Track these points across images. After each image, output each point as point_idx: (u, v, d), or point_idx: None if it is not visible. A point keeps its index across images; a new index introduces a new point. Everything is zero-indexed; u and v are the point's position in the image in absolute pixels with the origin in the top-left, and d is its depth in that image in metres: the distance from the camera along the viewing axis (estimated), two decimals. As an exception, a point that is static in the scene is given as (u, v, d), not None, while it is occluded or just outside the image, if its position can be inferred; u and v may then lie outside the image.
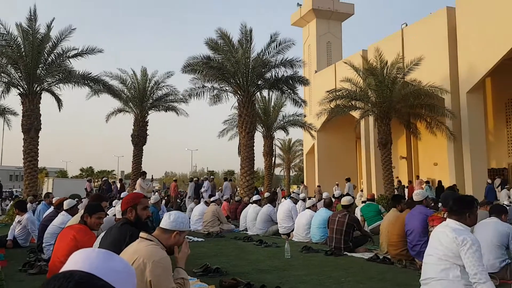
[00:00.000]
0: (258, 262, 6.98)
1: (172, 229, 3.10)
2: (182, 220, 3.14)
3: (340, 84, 22.84)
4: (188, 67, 18.91)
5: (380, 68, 20.05)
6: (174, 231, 3.10)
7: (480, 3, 20.10)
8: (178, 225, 3.11)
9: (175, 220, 3.11)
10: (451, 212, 3.85)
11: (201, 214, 12.12)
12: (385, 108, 19.93)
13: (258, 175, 59.77)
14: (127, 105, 23.88)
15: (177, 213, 3.21)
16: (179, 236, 3.12)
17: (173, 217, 3.12)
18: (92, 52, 18.96)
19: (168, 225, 3.10)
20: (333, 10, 36.58)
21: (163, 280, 2.87)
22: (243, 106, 19.46)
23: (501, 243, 5.45)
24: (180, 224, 3.12)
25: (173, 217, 3.12)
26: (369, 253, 7.67)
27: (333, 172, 30.45)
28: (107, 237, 3.82)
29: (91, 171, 72.25)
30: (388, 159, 20.25)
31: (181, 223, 3.13)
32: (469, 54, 20.55)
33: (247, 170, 19.41)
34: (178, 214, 3.19)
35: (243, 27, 19.46)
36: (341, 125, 29.01)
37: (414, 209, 6.64)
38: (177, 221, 3.11)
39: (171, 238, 3.10)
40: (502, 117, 25.28)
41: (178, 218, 3.13)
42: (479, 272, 3.43)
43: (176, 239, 3.11)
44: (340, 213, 8.23)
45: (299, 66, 19.78)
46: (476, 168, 20.47)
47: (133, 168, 23.44)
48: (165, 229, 3.11)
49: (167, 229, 3.10)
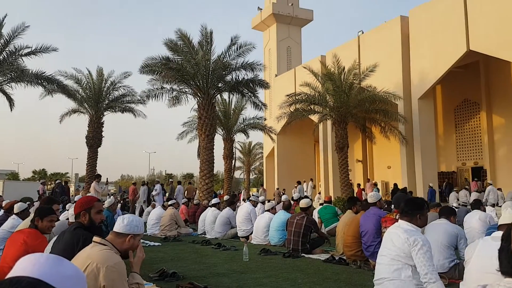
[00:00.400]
0: (216, 265, 6.94)
1: (126, 233, 3.03)
2: (136, 224, 3.07)
3: (299, 88, 23.21)
4: (146, 67, 18.57)
5: (338, 74, 20.55)
6: (129, 235, 3.03)
7: (432, 14, 21.03)
8: (132, 229, 3.04)
9: (129, 223, 3.04)
10: (402, 214, 3.98)
11: (158, 218, 11.91)
12: (342, 112, 20.43)
13: (218, 178, 59.54)
14: (82, 105, 23.17)
15: (131, 216, 3.14)
16: (134, 240, 3.05)
17: (126, 220, 3.05)
18: (46, 51, 18.30)
19: (122, 228, 3.03)
20: (293, 15, 37.13)
21: (117, 286, 2.80)
22: (203, 108, 19.33)
23: (450, 244, 5.64)
24: (134, 228, 3.05)
25: (127, 221, 3.04)
26: (326, 254, 7.81)
27: (292, 175, 30.82)
28: (59, 241, 3.69)
29: (44, 174, 69.36)
30: (345, 162, 20.75)
31: (135, 226, 3.06)
32: (420, 62, 21.44)
33: (206, 173, 19.28)
34: (132, 217, 3.11)
35: (204, 29, 19.37)
36: (300, 128, 29.43)
37: (368, 211, 6.83)
38: (131, 224, 3.04)
39: (126, 242, 3.02)
40: (451, 123, 26.53)
41: (132, 221, 3.06)
42: (429, 272, 3.56)
43: (130, 243, 3.04)
44: (298, 215, 8.33)
45: (260, 70, 19.91)
46: (427, 171, 21.36)
47: (88, 171, 22.75)
48: (119, 233, 3.03)
49: (121, 233, 3.03)
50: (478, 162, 25.07)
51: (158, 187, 19.09)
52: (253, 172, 59.91)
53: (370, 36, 24.95)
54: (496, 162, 23.69)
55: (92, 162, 22.84)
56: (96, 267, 2.77)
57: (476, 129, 25.20)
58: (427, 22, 21.24)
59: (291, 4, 37.31)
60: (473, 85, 24.74)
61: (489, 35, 18.22)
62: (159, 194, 18.69)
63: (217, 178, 58.82)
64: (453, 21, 19.77)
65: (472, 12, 19.05)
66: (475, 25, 18.85)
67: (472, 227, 6.93)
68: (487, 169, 23.92)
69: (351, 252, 6.98)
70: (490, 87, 24.16)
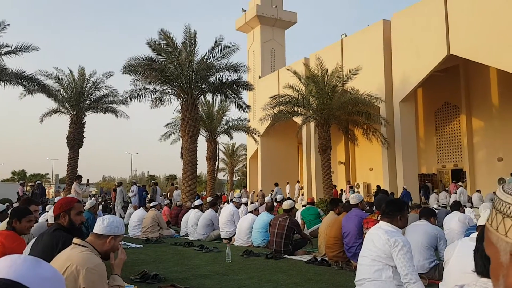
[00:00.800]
0: (198, 267, 6.91)
1: (107, 234, 2.99)
2: (116, 225, 3.04)
3: (283, 90, 23.29)
4: (128, 68, 18.36)
5: (321, 76, 20.70)
6: (109, 236, 2.99)
7: (414, 18, 21.37)
8: (113, 230, 3.00)
9: (109, 224, 3.00)
10: (383, 215, 4.03)
11: (140, 220, 11.79)
12: (325, 114, 20.57)
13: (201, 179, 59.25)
14: (63, 105, 22.78)
15: (111, 217, 3.10)
16: (114, 241, 3.02)
17: (107, 221, 3.01)
18: (26, 50, 17.93)
19: (102, 230, 2.99)
20: (277, 17, 37.27)
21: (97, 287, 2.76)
22: (186, 109, 19.21)
23: (430, 245, 5.73)
24: (115, 229, 3.01)
25: (107, 222, 3.01)
26: (308, 255, 7.84)
27: (275, 176, 30.87)
28: (38, 243, 3.63)
29: (23, 175, 67.98)
30: (328, 164, 20.89)
31: (115, 227, 3.02)
32: (402, 66, 21.75)
33: (189, 175, 19.16)
34: (112, 218, 3.08)
35: (187, 30, 19.26)
36: (284, 130, 29.53)
37: (350, 212, 6.89)
38: (111, 225, 3.01)
39: (106, 244, 2.99)
40: (432, 126, 26.97)
41: (113, 222, 3.02)
42: (409, 273, 3.61)
43: (111, 244, 3.00)
44: (281, 216, 8.35)
45: (244, 71, 19.88)
46: (408, 173, 21.66)
47: (68, 172, 22.37)
48: (99, 235, 2.99)
49: (101, 234, 2.99)
50: (458, 164, 25.53)
51: (135, 188, 18.82)
52: (236, 173, 59.83)
53: (353, 39, 25.19)
54: (475, 164, 24.16)
55: (73, 163, 22.48)
56: (76, 269, 2.73)
57: (456, 132, 25.67)
58: (409, 26, 21.56)
59: (275, 6, 37.45)
60: (453, 88, 25.20)
61: (469, 40, 18.60)
62: (136, 195, 18.42)
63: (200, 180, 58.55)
64: (434, 26, 20.12)
65: (453, 17, 19.42)
66: (456, 30, 19.22)
67: (452, 228, 7.05)
68: (466, 171, 24.37)
69: (333, 253, 7.03)
70: (470, 90, 24.65)
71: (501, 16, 17.40)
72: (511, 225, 0.77)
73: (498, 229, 0.79)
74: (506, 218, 0.78)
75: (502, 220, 0.79)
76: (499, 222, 0.79)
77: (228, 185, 52.17)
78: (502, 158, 22.77)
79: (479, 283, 1.46)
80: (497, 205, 0.81)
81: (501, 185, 0.85)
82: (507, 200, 0.80)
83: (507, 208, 0.79)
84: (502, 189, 0.83)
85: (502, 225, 0.78)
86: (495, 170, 22.64)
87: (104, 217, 3.08)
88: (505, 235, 0.77)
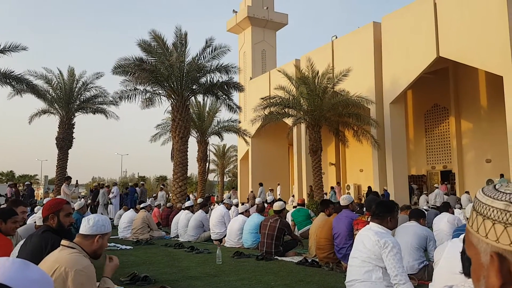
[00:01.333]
0: (188, 269, 6.88)
1: (94, 234, 2.97)
2: (102, 223, 3.01)
3: (274, 91, 23.32)
4: (119, 68, 18.26)
5: (312, 78, 20.77)
6: (96, 235, 2.97)
7: (403, 21, 21.54)
8: (99, 229, 2.98)
9: (95, 224, 2.97)
10: (373, 216, 4.05)
11: (130, 221, 11.72)
12: (316, 116, 20.64)
13: (192, 180, 59.06)
14: (52, 106, 22.59)
15: (96, 216, 3.07)
16: (103, 240, 2.99)
17: (92, 221, 2.98)
18: (15, 50, 17.74)
19: (88, 230, 2.96)
20: (268, 19, 37.31)
21: (86, 290, 2.74)
22: (177, 110, 19.16)
23: (420, 246, 5.77)
24: (101, 227, 2.99)
25: (92, 221, 2.98)
26: (299, 256, 7.86)
27: (266, 178, 30.89)
28: (26, 245, 3.59)
29: (11, 176, 67.18)
30: (319, 165, 20.96)
31: (101, 226, 3.00)
32: (392, 67, 21.91)
33: (180, 176, 19.10)
34: (97, 217, 3.05)
35: (178, 31, 19.21)
36: (274, 131, 29.55)
37: (341, 213, 6.92)
38: (97, 224, 2.98)
39: (94, 243, 2.96)
40: (421, 128, 27.20)
41: (98, 221, 3.00)
42: (399, 274, 3.63)
43: (99, 243, 2.98)
44: (271, 218, 8.36)
45: (235, 72, 19.88)
46: (398, 175, 21.81)
47: (58, 173, 22.17)
48: (85, 235, 2.97)
49: (88, 235, 2.96)
50: (447, 166, 25.77)
51: (115, 189, 18.66)
52: (227, 175, 59.75)
53: (344, 41, 25.32)
54: (464, 166, 24.41)
55: (62, 164, 22.29)
56: (65, 271, 2.71)
57: (445, 134, 25.91)
58: (398, 28, 21.73)
59: (266, 8, 37.49)
60: (443, 90, 25.45)
61: (458, 42, 18.80)
62: (116, 196, 18.25)
63: (191, 181, 58.35)
64: (423, 28, 20.30)
65: (442, 20, 19.61)
66: (445, 33, 19.41)
67: (441, 229, 7.12)
68: (455, 172, 24.61)
69: (324, 254, 7.05)
70: (459, 92, 24.91)
71: (489, 19, 17.61)
72: (491, 227, 0.79)
73: (478, 231, 0.81)
74: (487, 220, 0.80)
75: (483, 222, 0.81)
76: (479, 224, 0.81)
77: (219, 186, 52.07)
78: (491, 160, 23.04)
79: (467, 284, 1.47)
80: (477, 207, 0.84)
81: (482, 188, 0.88)
82: (487, 202, 0.81)
83: (487, 210, 0.81)
84: (482, 191, 0.86)
85: (483, 226, 0.80)
86: (483, 171, 22.90)
87: (89, 217, 3.05)
88: (485, 237, 0.79)
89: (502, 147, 20.10)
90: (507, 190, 0.81)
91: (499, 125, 21.26)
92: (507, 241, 0.76)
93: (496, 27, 17.31)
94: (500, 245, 0.76)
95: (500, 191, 0.82)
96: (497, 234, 0.77)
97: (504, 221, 0.77)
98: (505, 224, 0.77)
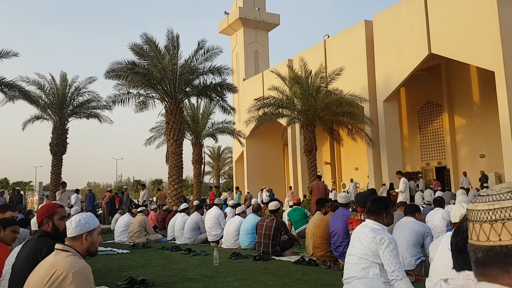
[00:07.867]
0: (186, 271, 6.86)
1: (80, 234, 2.94)
2: (86, 221, 2.98)
3: (267, 92, 23.34)
4: (111, 72, 18.19)
5: (305, 77, 20.80)
6: (83, 235, 2.95)
7: (395, 18, 21.64)
8: (83, 227, 2.95)
9: (78, 224, 2.95)
10: (369, 213, 4.06)
11: (126, 225, 11.67)
12: (310, 115, 20.67)
13: (187, 183, 58.97)
14: (45, 112, 22.45)
15: (77, 216, 3.04)
16: (91, 236, 2.97)
17: (74, 222, 2.96)
18: (6, 56, 17.63)
19: (73, 232, 2.94)
20: (260, 20, 37.35)
21: (85, 290, 2.73)
22: (170, 113, 19.11)
23: (417, 242, 5.78)
24: (85, 225, 2.96)
25: (75, 223, 2.95)
26: (296, 256, 7.86)
27: (262, 178, 30.90)
28: (23, 250, 3.56)
29: (6, 183, 66.75)
30: (314, 164, 20.98)
31: (85, 224, 2.97)
32: (385, 65, 21.99)
33: (175, 179, 19.05)
34: (78, 217, 3.01)
35: (170, 33, 19.18)
36: (269, 132, 29.57)
37: (338, 211, 6.92)
38: (80, 224, 2.95)
39: (83, 242, 2.94)
40: (415, 125, 27.30)
41: (80, 221, 2.97)
42: (396, 270, 3.63)
43: (89, 240, 2.95)
44: (268, 218, 8.36)
45: (228, 74, 19.85)
46: (393, 172, 21.82)
47: (52, 179, 22.04)
48: (73, 237, 2.95)
49: (74, 236, 2.94)
50: (442, 162, 25.88)
51: (74, 197, 18.35)
52: (222, 176, 59.70)
53: (336, 40, 25.38)
54: (458, 162, 24.54)
55: (56, 170, 22.16)
56: (63, 274, 2.69)
57: (439, 130, 26.03)
58: (390, 26, 21.82)
59: (258, 9, 37.52)
60: (436, 87, 25.57)
61: (450, 39, 18.91)
62: (75, 204, 17.96)
63: (187, 184, 58.26)
64: (415, 25, 20.40)
65: (433, 17, 19.72)
66: (436, 29, 19.52)
67: (436, 225, 7.14)
68: (450, 168, 24.73)
69: (321, 252, 7.05)
70: (451, 89, 25.04)
71: (480, 15, 17.73)
72: (489, 228, 0.80)
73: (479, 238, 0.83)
74: (483, 223, 0.82)
75: (481, 228, 0.82)
76: (478, 232, 0.83)
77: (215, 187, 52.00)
78: (484, 155, 23.17)
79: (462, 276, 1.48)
80: (472, 217, 0.85)
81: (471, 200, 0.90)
82: (477, 208, 0.84)
83: (479, 214, 0.83)
84: (471, 202, 0.88)
85: (482, 232, 0.82)
86: (477, 166, 23.02)
87: (71, 219, 3.01)
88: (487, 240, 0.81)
89: (495, 142, 20.23)
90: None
91: (492, 120, 21.40)
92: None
93: (487, 23, 17.43)
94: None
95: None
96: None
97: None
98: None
